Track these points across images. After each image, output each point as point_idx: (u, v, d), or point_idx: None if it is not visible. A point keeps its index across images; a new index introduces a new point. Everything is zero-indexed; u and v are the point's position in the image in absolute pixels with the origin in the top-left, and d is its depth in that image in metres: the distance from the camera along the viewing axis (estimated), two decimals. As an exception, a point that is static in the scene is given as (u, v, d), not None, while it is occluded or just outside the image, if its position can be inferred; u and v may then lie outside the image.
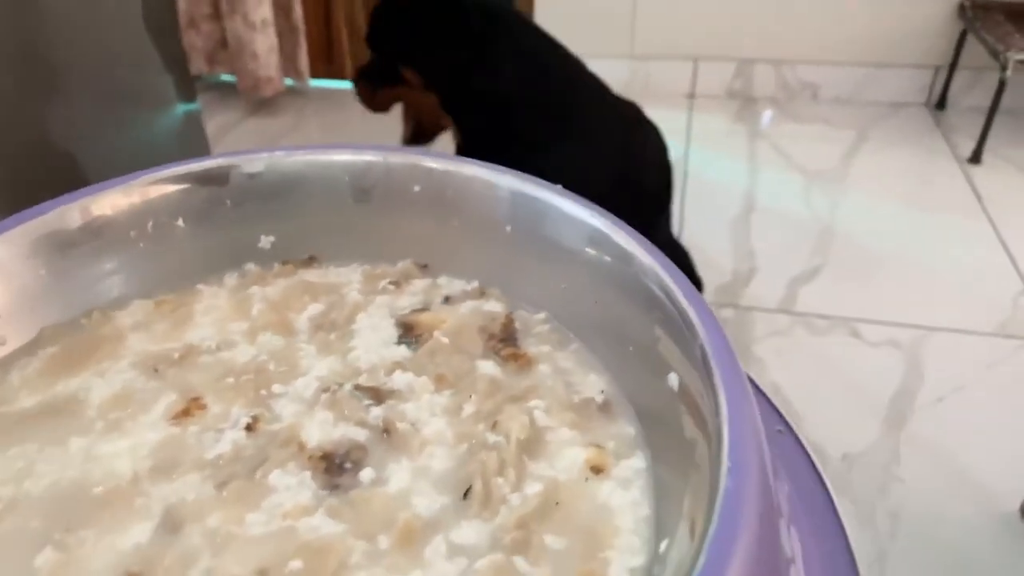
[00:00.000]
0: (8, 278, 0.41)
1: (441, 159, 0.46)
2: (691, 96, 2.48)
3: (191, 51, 2.52)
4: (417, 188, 0.46)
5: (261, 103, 2.49)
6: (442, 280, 0.48)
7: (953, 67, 2.32)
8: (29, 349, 0.43)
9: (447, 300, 0.47)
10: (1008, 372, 1.37)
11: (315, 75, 2.57)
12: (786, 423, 0.45)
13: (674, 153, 1.30)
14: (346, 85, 2.60)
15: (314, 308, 0.45)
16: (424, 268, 0.48)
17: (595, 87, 1.18)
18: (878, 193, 1.96)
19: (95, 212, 0.44)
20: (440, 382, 0.42)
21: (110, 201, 0.44)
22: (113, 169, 1.18)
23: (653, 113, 1.32)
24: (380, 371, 0.42)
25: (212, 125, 2.39)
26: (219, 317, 0.45)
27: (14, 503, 0.36)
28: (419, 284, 0.47)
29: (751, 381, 0.45)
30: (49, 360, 0.42)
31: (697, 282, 1.42)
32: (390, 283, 0.47)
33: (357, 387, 0.41)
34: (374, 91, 1.27)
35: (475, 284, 0.47)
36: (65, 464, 0.38)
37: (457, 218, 0.46)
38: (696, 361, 0.34)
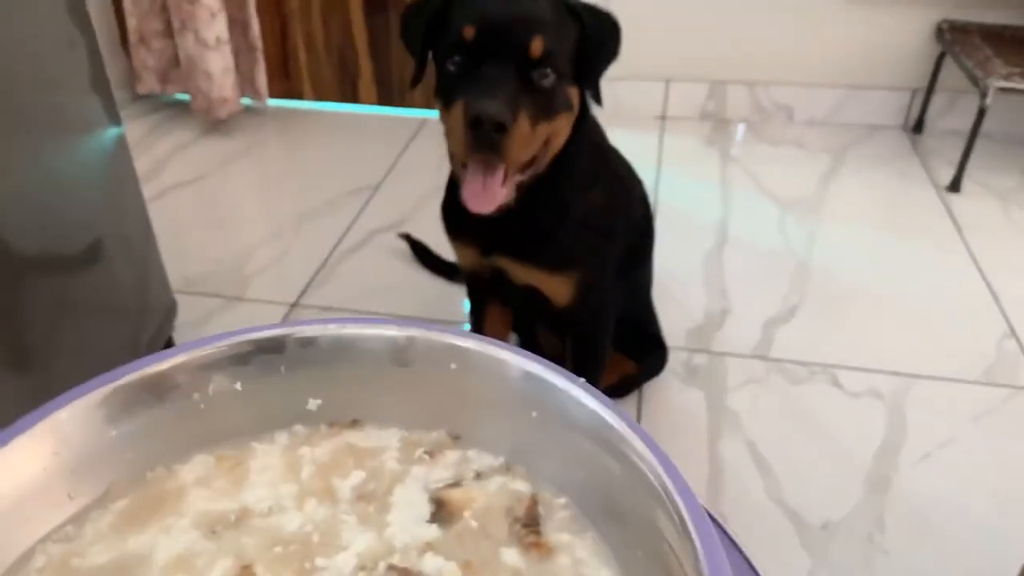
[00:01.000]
0: (81, 438, 0.45)
1: (479, 341, 0.50)
2: (662, 118, 2.40)
3: (142, 70, 2.41)
4: (454, 366, 0.49)
5: (217, 123, 2.38)
6: (472, 453, 0.50)
7: (930, 90, 2.27)
8: (101, 503, 0.46)
9: (478, 476, 0.49)
10: (996, 424, 1.29)
11: (272, 94, 2.46)
12: None
13: (646, 179, 1.22)
14: (305, 104, 2.50)
15: (357, 476, 0.49)
16: (456, 440, 0.51)
17: None
18: (855, 224, 1.89)
19: (162, 376, 0.47)
20: (467, 569, 0.44)
21: (177, 365, 0.48)
22: (27, 197, 1.07)
23: (623, 136, 1.24)
24: (412, 551, 0.45)
25: (165, 145, 2.28)
26: (273, 478, 0.48)
27: None
28: (451, 456, 0.50)
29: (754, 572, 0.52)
30: (120, 515, 0.46)
31: (663, 350, 1.34)
32: (425, 452, 0.50)
33: (391, 567, 0.44)
34: (534, 129, 0.89)
35: (502, 460, 0.50)
36: None
37: (488, 396, 0.49)
38: None
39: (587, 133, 1.03)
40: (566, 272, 1.03)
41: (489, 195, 0.91)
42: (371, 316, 1.53)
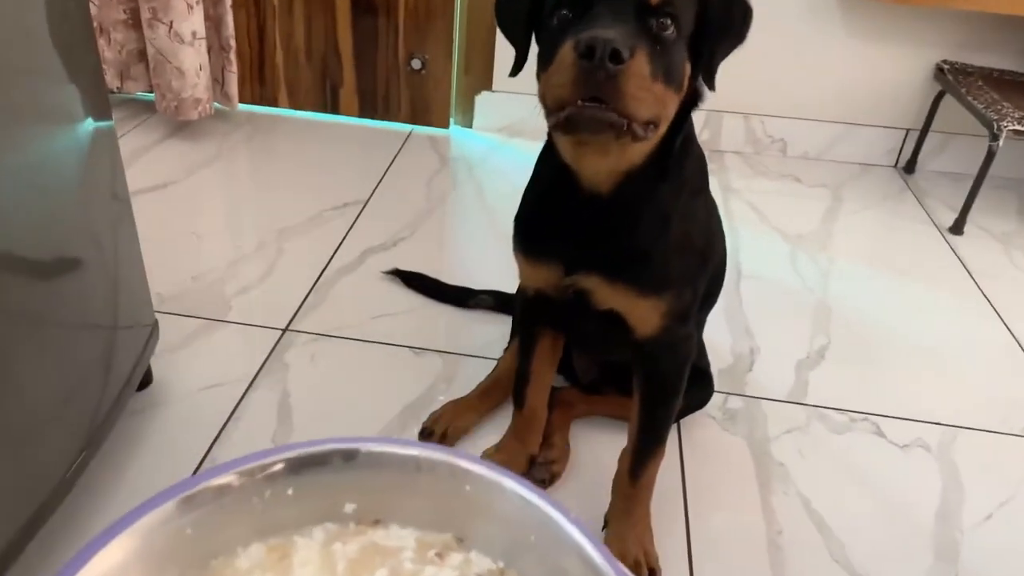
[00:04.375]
0: (160, 536, 0.48)
1: (490, 469, 0.53)
2: (657, 145, 2.32)
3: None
4: (468, 488, 0.53)
5: (182, 125, 2.20)
6: (473, 555, 0.54)
7: (925, 130, 2.25)
8: None
9: None
10: (1049, 482, 1.23)
11: (243, 99, 2.29)
12: None
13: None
14: (278, 111, 2.34)
15: (381, 573, 0.52)
16: (460, 542, 0.55)
17: None
18: (866, 263, 1.83)
19: (228, 485, 0.51)
20: None
21: (239, 475, 0.52)
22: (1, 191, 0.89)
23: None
24: None
25: (125, 148, 2.08)
26: (313, 571, 0.52)
27: None
28: (455, 558, 0.54)
29: None
30: None
31: (709, 383, 1.25)
32: (436, 554, 0.54)
33: None
34: (652, 80, 0.74)
35: (500, 564, 0.53)
36: None
37: (492, 514, 0.53)
38: None
39: (691, 133, 0.90)
40: (660, 296, 0.90)
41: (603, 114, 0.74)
42: (375, 343, 1.39)
